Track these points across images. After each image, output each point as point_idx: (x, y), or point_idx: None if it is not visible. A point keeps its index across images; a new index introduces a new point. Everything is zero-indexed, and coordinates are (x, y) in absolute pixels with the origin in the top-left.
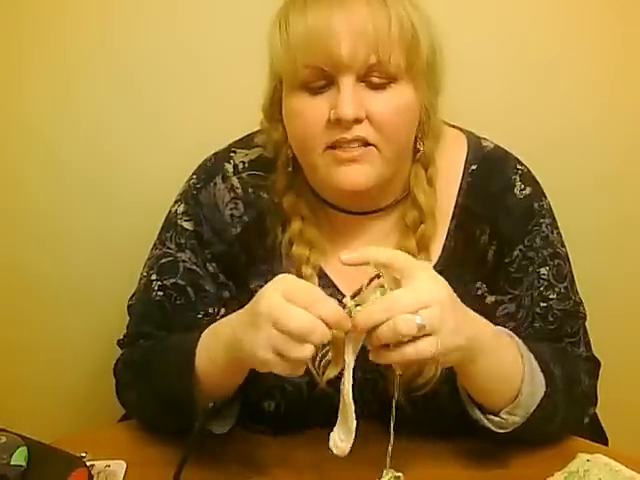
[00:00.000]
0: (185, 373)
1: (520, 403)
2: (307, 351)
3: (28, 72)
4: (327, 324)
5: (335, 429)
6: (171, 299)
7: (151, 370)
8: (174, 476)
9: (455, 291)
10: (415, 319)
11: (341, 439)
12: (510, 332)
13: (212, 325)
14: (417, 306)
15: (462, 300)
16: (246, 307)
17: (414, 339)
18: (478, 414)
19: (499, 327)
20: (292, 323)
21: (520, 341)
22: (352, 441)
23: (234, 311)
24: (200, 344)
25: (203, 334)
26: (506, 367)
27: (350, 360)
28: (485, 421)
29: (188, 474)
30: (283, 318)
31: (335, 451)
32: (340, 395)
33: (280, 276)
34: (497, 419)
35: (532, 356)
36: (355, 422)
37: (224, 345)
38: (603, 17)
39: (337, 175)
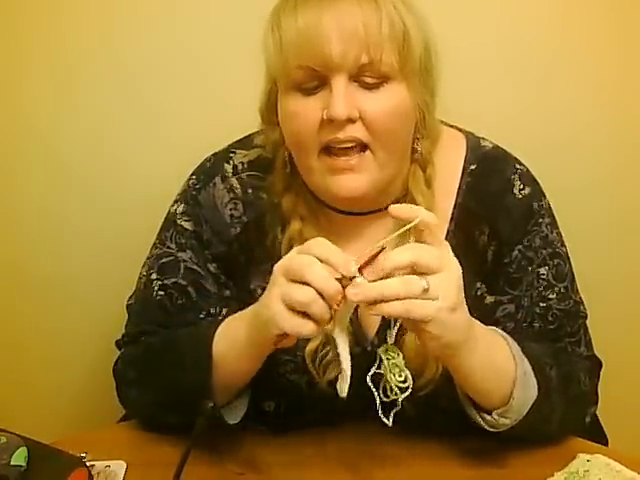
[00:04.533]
0: (201, 360)
1: (512, 407)
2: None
3: (28, 72)
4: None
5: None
6: (172, 299)
7: (161, 363)
8: (174, 476)
9: None
10: (422, 282)
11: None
12: (504, 334)
13: None
14: (438, 263)
15: None
16: None
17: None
18: (472, 410)
19: (493, 327)
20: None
21: (515, 345)
22: (348, 380)
23: (235, 311)
24: (221, 328)
25: (225, 320)
26: (497, 364)
27: (345, 325)
28: (478, 418)
29: (188, 474)
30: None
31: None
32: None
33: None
34: (489, 418)
35: (526, 360)
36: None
37: (248, 318)
38: (602, 18)
39: (332, 183)
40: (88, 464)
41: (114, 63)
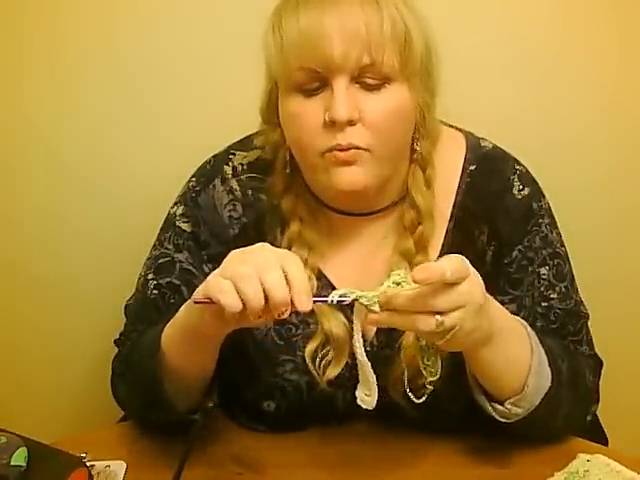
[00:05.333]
0: (152, 353)
1: (525, 396)
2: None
3: (28, 72)
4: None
5: (358, 387)
6: (165, 298)
7: (133, 359)
8: (174, 476)
9: None
10: (436, 318)
11: (366, 394)
12: (525, 323)
13: None
14: (454, 305)
15: None
16: None
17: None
18: (483, 400)
19: (515, 317)
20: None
21: (533, 333)
22: (376, 393)
23: None
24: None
25: None
26: (515, 356)
27: (357, 324)
28: (489, 408)
29: (188, 474)
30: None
31: (364, 405)
32: (355, 356)
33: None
34: (501, 408)
35: (543, 351)
36: (375, 376)
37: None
38: (602, 18)
39: (335, 176)
40: (88, 464)
41: (114, 63)
